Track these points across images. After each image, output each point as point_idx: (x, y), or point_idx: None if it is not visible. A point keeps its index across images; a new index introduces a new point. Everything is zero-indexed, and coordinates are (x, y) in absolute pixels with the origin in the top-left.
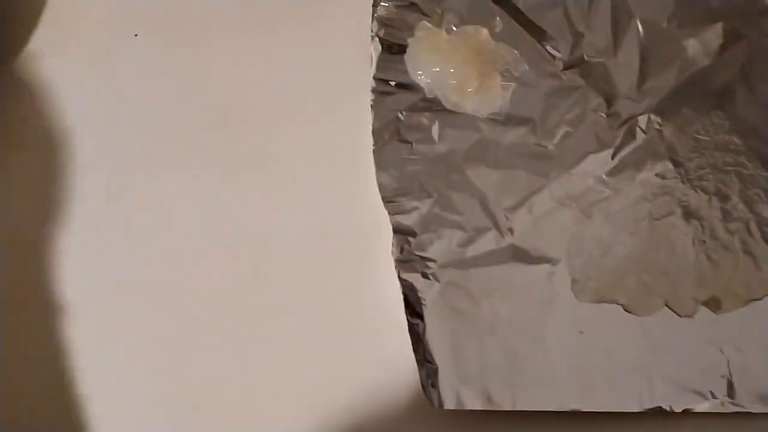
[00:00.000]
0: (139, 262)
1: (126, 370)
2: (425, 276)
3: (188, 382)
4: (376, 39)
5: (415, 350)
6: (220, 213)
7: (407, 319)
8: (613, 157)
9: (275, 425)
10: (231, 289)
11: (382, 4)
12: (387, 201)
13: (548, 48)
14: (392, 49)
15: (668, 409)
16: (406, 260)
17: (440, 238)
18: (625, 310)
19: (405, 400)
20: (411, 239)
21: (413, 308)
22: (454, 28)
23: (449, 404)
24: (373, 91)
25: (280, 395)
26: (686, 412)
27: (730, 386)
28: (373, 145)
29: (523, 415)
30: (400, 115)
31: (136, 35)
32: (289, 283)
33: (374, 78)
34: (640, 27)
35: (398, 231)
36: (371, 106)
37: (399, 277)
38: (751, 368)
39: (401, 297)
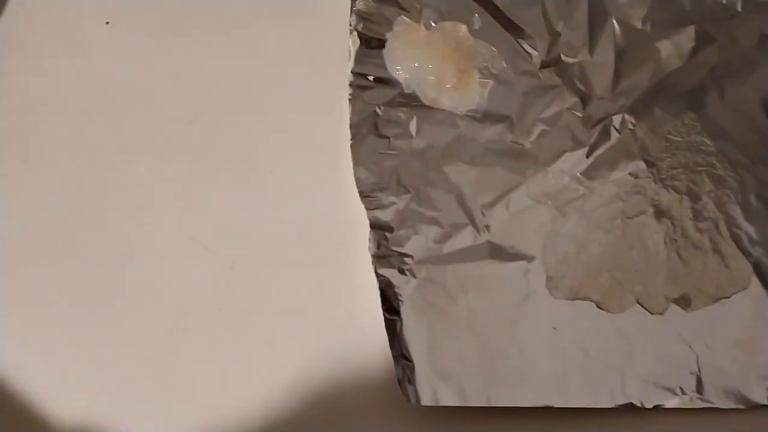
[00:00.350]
0: (114, 258)
1: (103, 367)
2: (402, 272)
3: (165, 377)
4: (355, 33)
5: (391, 346)
6: (195, 206)
7: (384, 315)
8: (588, 156)
9: (252, 419)
10: (207, 283)
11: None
12: (364, 196)
13: (525, 46)
14: (371, 43)
15: (639, 405)
16: (383, 255)
17: (417, 233)
18: (599, 307)
19: (381, 395)
20: (388, 234)
21: (390, 304)
22: (433, 24)
23: (425, 400)
24: (351, 85)
25: (257, 390)
26: (656, 408)
27: (699, 382)
28: (351, 139)
29: (498, 411)
30: (378, 110)
31: (107, 23)
32: (266, 278)
33: (352, 72)
34: (616, 27)
35: (375, 226)
36: (349, 100)
37: (376, 272)
38: (720, 365)
39: (378, 292)
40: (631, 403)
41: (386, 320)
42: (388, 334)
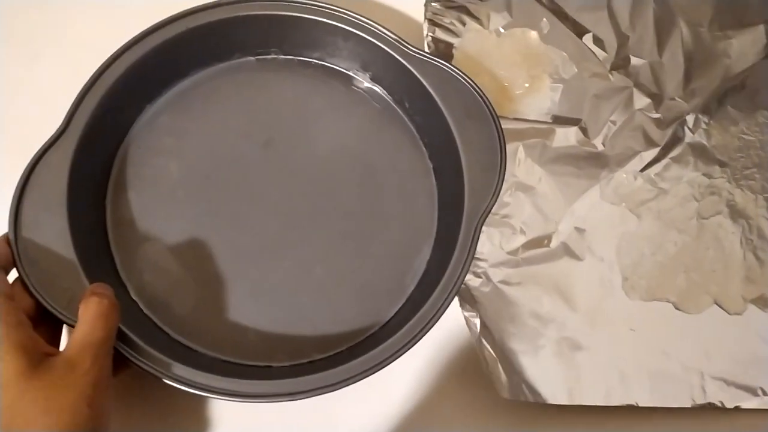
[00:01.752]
0: None
1: None
2: (477, 275)
3: None
4: (429, 39)
5: (475, 345)
6: None
7: (464, 316)
8: (661, 157)
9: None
10: None
11: (432, 4)
12: None
13: (594, 49)
14: (440, 48)
15: (719, 405)
16: None
17: (491, 236)
18: (676, 308)
19: (467, 390)
20: None
21: (468, 305)
22: (502, 30)
23: (508, 395)
24: None
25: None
26: (737, 409)
27: None
28: None
29: (577, 410)
30: None
31: None
32: None
33: None
34: (684, 27)
35: None
36: None
37: None
38: None
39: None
40: (711, 403)
41: (466, 320)
42: (471, 333)
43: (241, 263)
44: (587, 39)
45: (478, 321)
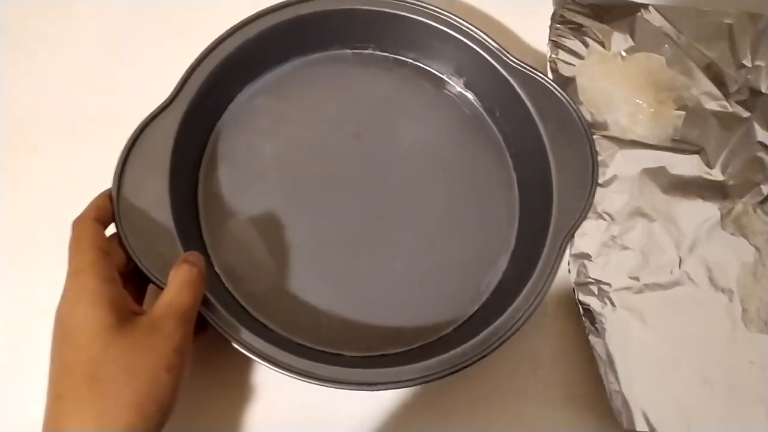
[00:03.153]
0: None
1: None
2: (602, 299)
3: None
4: (552, 59)
5: (600, 372)
6: None
7: (589, 341)
8: None
9: None
10: None
11: (555, 26)
12: None
13: (715, 78)
14: (562, 70)
15: None
16: (582, 283)
17: (615, 262)
18: None
19: (591, 419)
20: (587, 263)
21: (593, 330)
22: (624, 54)
23: (630, 425)
24: None
25: None
26: None
27: None
28: None
29: None
30: None
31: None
32: None
33: None
34: None
35: (575, 254)
36: None
37: (577, 299)
38: None
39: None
40: None
41: (591, 345)
42: (597, 360)
43: (321, 249)
44: (708, 67)
45: (602, 348)
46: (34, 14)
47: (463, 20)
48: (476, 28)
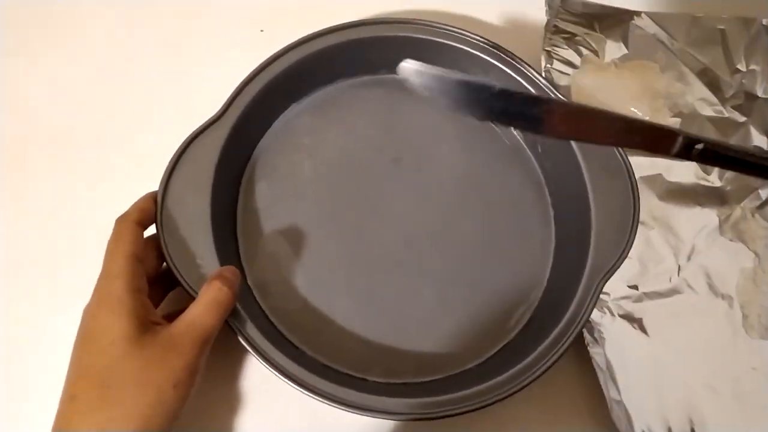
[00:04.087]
0: None
1: None
2: (601, 309)
3: None
4: (546, 69)
5: (600, 382)
6: None
7: (589, 351)
8: None
9: None
10: None
11: (549, 36)
12: None
13: (710, 84)
14: (557, 79)
15: None
16: None
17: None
18: None
19: (591, 429)
20: None
21: (592, 340)
22: (618, 62)
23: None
24: None
25: None
26: None
27: None
28: None
29: None
30: None
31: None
32: None
33: None
34: None
35: None
36: None
37: None
38: None
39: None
40: None
41: (591, 356)
42: (597, 370)
43: (353, 271)
44: (702, 73)
45: (602, 358)
46: (35, 16)
47: (508, 51)
48: (521, 60)
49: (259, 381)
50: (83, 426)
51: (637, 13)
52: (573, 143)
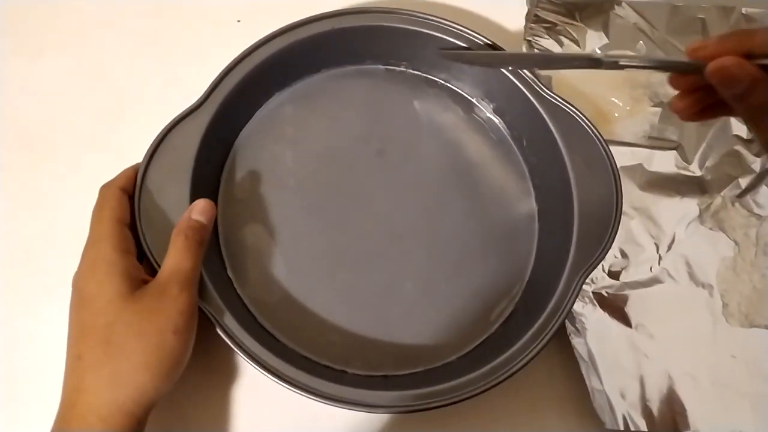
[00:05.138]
0: None
1: None
2: (582, 299)
3: None
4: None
5: (582, 372)
6: None
7: (570, 341)
8: (757, 183)
9: None
10: None
11: (531, 26)
12: None
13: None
14: (539, 70)
15: None
16: None
17: None
18: None
19: (573, 419)
20: None
21: (574, 330)
22: (599, 51)
23: (613, 424)
24: None
25: None
26: None
27: None
28: None
29: None
30: None
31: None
32: None
33: None
34: None
35: None
36: None
37: None
38: None
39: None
40: None
41: (573, 346)
42: (579, 360)
43: (335, 262)
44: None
45: (583, 348)
46: (36, 15)
47: (490, 40)
48: (503, 49)
49: (239, 373)
50: (94, 382)
51: (618, 2)
52: (558, 139)
